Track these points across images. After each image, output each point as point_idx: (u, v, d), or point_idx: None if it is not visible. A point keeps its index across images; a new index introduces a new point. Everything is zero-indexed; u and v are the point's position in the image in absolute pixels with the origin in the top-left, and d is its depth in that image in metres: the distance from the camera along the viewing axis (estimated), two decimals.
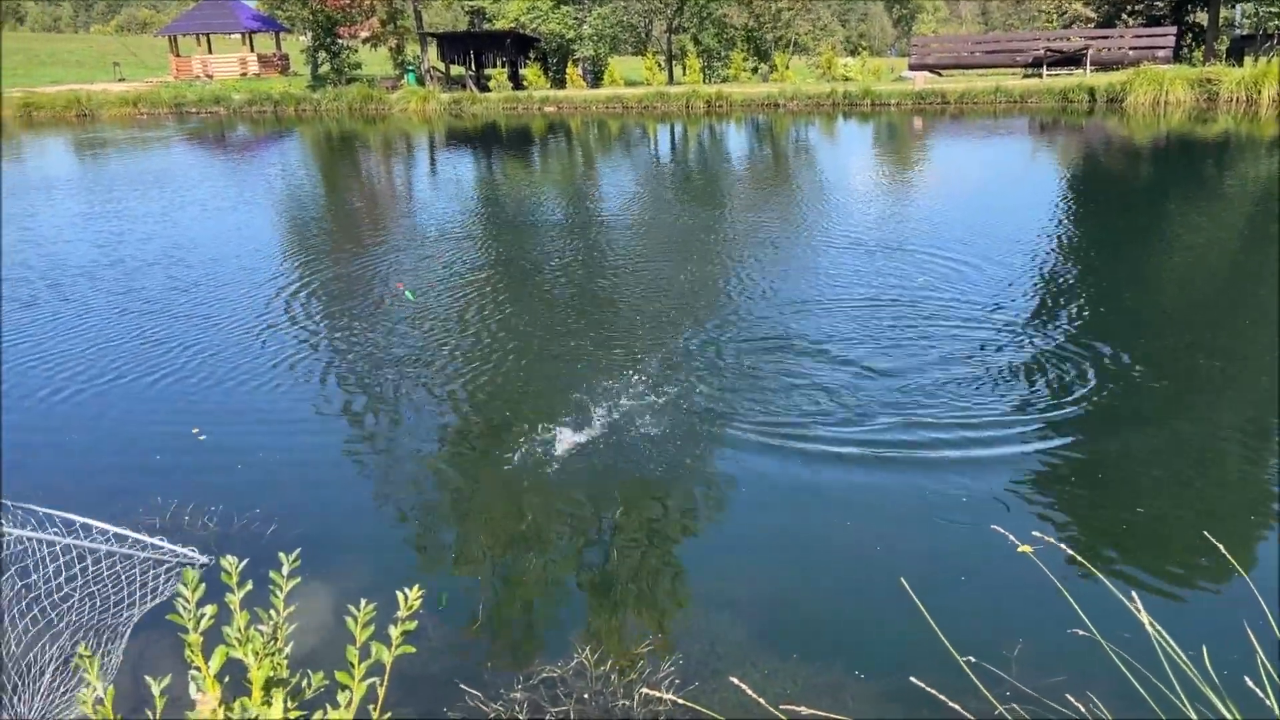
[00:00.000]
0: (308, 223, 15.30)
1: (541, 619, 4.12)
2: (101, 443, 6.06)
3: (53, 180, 19.86)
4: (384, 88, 36.96)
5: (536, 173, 20.45)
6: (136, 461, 5.68)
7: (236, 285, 10.19)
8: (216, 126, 32.12)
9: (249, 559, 2.47)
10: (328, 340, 8.22)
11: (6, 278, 10.55)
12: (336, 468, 5.53)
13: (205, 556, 3.68)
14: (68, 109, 36.64)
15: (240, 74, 43.63)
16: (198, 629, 2.34)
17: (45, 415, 6.58)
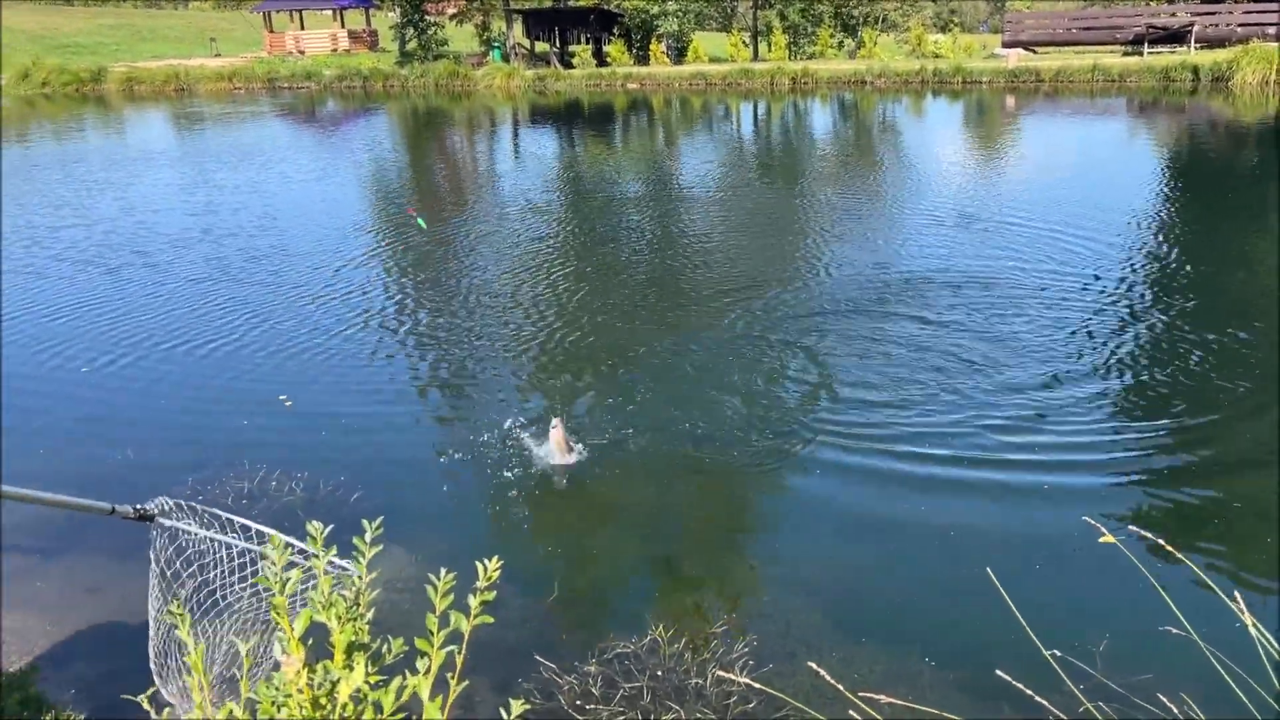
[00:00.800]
0: (392, 197, 15.54)
1: (616, 595, 4.14)
2: (191, 407, 6.24)
3: (151, 152, 20.51)
4: (469, 64, 37.24)
5: (617, 149, 20.43)
6: (225, 426, 5.85)
7: (322, 256, 10.41)
8: (307, 101, 32.77)
9: (333, 525, 2.51)
10: (409, 312, 8.35)
11: (100, 244, 10.92)
12: (417, 438, 5.62)
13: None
14: (167, 83, 37.73)
15: (331, 50, 44.41)
16: (283, 592, 2.40)
17: (135, 379, 6.80)
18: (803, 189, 14.55)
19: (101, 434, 5.78)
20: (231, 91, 36.92)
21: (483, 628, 2.33)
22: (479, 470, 5.20)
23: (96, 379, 6.75)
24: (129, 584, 3.81)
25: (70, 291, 9.11)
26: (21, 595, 3.89)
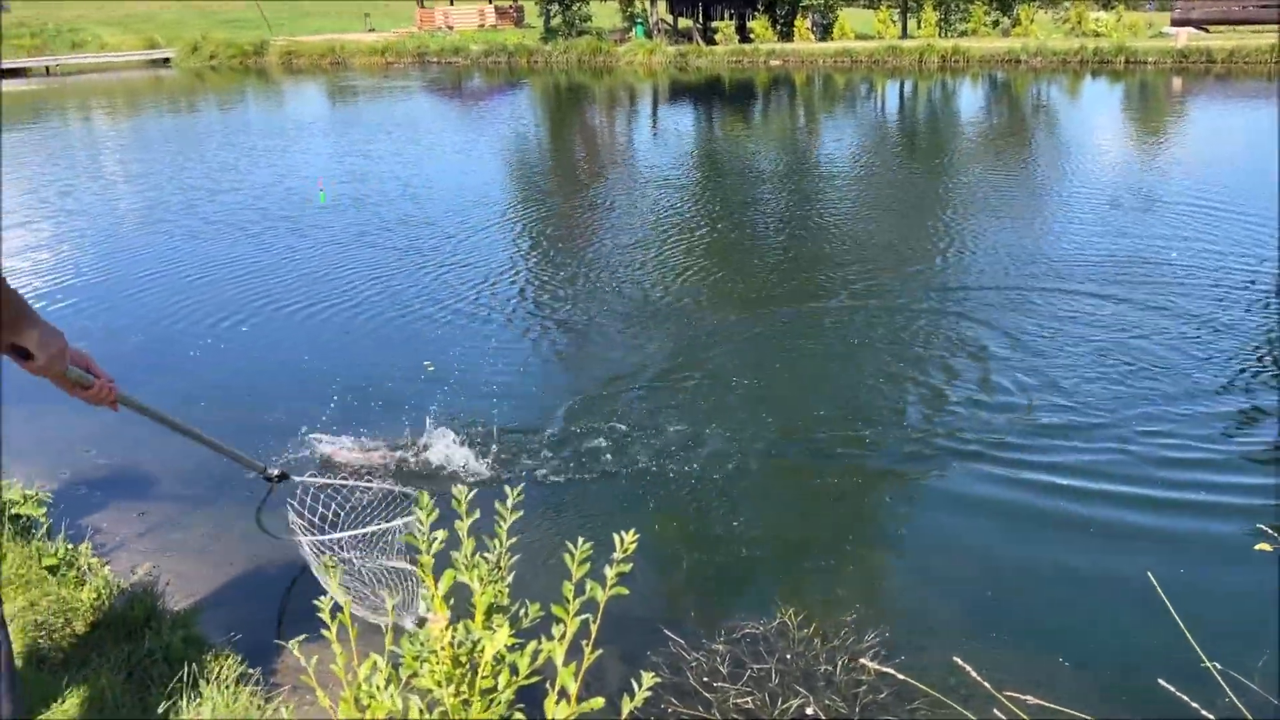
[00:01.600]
0: (531, 169, 15.81)
1: (745, 575, 4.11)
2: (339, 368, 6.49)
3: (305, 123, 21.39)
4: (612, 40, 37.44)
5: (756, 127, 20.22)
6: (372, 387, 6.05)
7: (463, 226, 10.67)
8: (455, 76, 33.57)
9: (476, 490, 2.56)
10: (545, 283, 8.49)
11: (253, 208, 11.44)
12: (553, 408, 5.69)
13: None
14: (323, 57, 39.27)
15: (478, 25, 45.33)
16: (429, 551, 2.47)
17: (284, 341, 7.13)
18: (949, 170, 14.10)
19: (251, 393, 6.05)
20: (384, 65, 38.12)
21: (613, 598, 2.34)
22: (617, 443, 5.24)
23: (248, 339, 7.09)
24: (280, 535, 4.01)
25: (225, 253, 9.60)
26: (182, 539, 4.13)
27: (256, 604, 3.75)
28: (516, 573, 2.55)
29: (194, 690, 2.72)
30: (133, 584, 3.65)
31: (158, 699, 2.67)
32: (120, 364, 6.49)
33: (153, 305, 7.97)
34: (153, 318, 7.65)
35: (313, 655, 2.53)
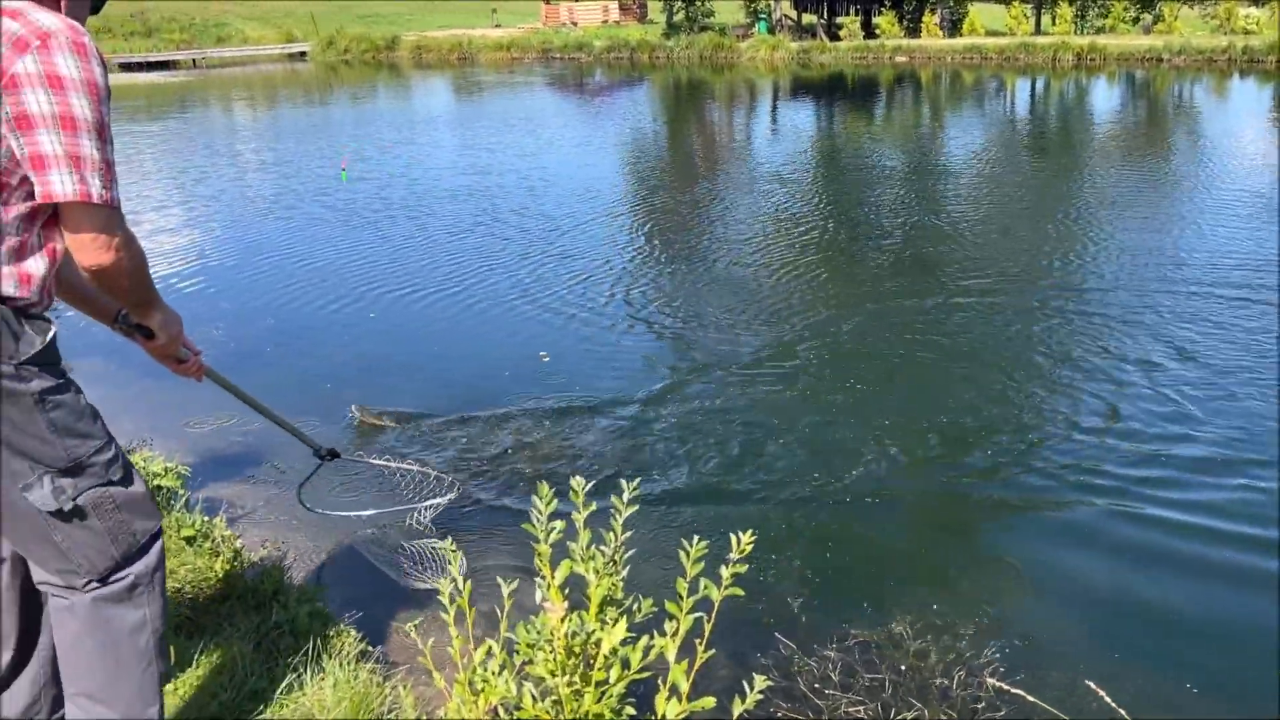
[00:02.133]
0: (648, 164, 15.87)
1: (860, 582, 4.03)
2: (455, 356, 6.63)
3: (433, 116, 21.94)
4: (734, 36, 37.27)
5: (878, 124, 19.84)
6: (485, 376, 6.16)
7: (578, 218, 10.79)
8: (577, 71, 33.94)
9: (593, 482, 2.56)
10: (660, 276, 8.52)
11: (379, 198, 11.77)
12: (666, 407, 5.69)
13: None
14: (451, 52, 40.21)
15: (602, 21, 45.72)
16: (547, 540, 2.49)
17: (403, 326, 7.31)
18: (1081, 170, 13.58)
19: (370, 376, 6.21)
20: (509, 61, 38.81)
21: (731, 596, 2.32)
22: (724, 439, 5.22)
23: (368, 324, 7.29)
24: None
25: (348, 239, 9.92)
26: (306, 516, 4.27)
27: (377, 582, 3.86)
28: (631, 566, 2.55)
29: (317, 664, 2.81)
30: (262, 558, 3.80)
31: (283, 670, 2.76)
32: (247, 344, 6.78)
33: (279, 288, 8.29)
34: (279, 300, 7.96)
35: (430, 637, 2.59)
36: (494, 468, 4.92)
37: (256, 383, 3.76)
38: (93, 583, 1.97)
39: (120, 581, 2.00)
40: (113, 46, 39.35)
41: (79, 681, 2.02)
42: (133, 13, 45.43)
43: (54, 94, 1.67)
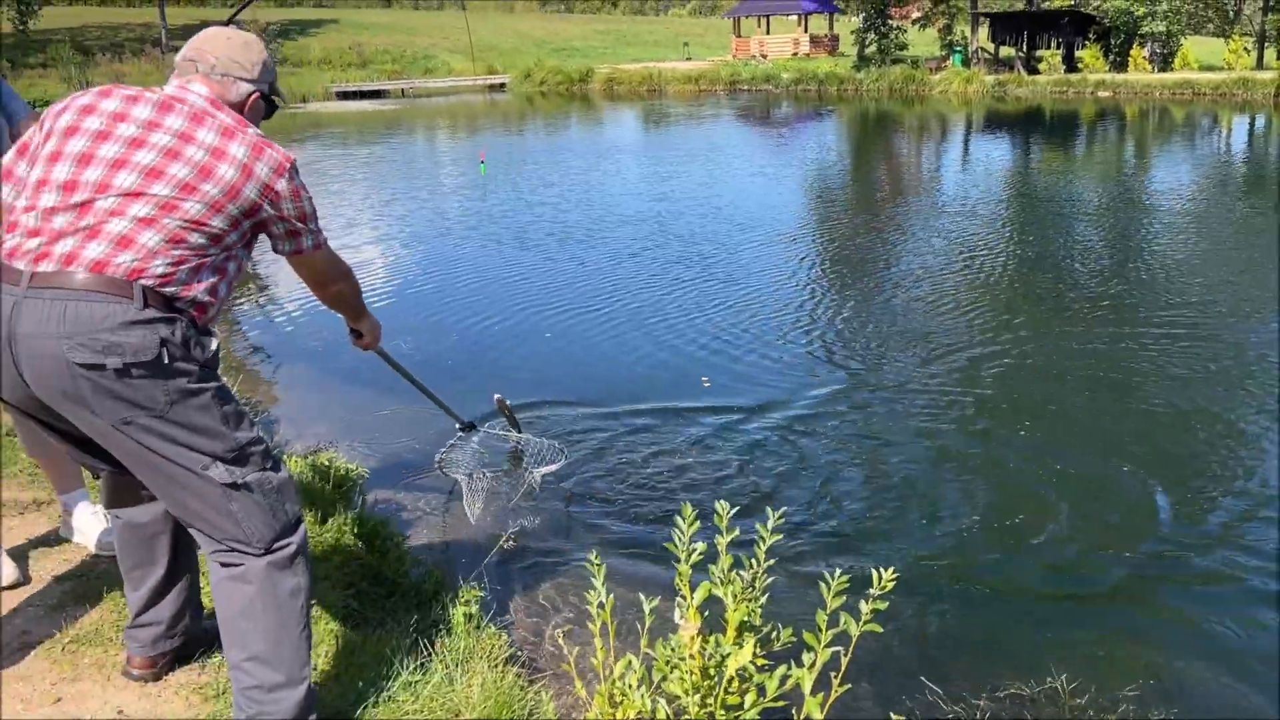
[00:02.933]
0: (830, 193, 15.76)
1: (1016, 630, 3.87)
2: (617, 374, 6.80)
3: (618, 145, 22.52)
4: (927, 69, 36.54)
5: (1078, 159, 18.98)
6: (646, 398, 6.27)
7: (756, 247, 10.81)
8: (764, 103, 34.07)
9: (737, 508, 2.59)
10: (832, 307, 8.44)
11: (565, 222, 12.16)
12: (824, 436, 5.65)
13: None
14: (641, 84, 41.16)
15: (792, 53, 45.73)
16: (687, 561, 2.54)
17: (575, 344, 7.53)
18: None
19: (537, 389, 6.42)
20: (696, 92, 39.38)
21: (868, 634, 2.30)
22: (883, 471, 5.12)
23: (541, 342, 7.54)
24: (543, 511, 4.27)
25: (527, 259, 10.30)
26: (468, 524, 4.47)
27: (530, 590, 4.00)
28: (770, 594, 2.56)
29: (468, 663, 2.95)
30: (426, 559, 4.01)
31: (436, 666, 2.91)
32: (430, 354, 7.16)
33: (461, 303, 8.70)
34: (460, 314, 8.35)
35: (575, 646, 2.68)
36: (646, 486, 5.01)
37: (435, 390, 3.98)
38: (263, 551, 2.30)
39: (283, 550, 2.34)
40: (331, 76, 42.33)
41: (249, 646, 2.30)
42: (351, 45, 48.77)
43: (295, 201, 2.37)
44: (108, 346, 2.05)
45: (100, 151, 2.18)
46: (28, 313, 2.06)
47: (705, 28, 70.20)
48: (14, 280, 2.09)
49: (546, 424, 5.74)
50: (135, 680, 2.74)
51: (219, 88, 2.38)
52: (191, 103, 2.29)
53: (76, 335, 2.05)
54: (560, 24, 65.50)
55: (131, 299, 2.09)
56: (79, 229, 2.12)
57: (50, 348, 2.05)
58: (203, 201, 2.19)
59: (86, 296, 2.07)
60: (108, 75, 37.51)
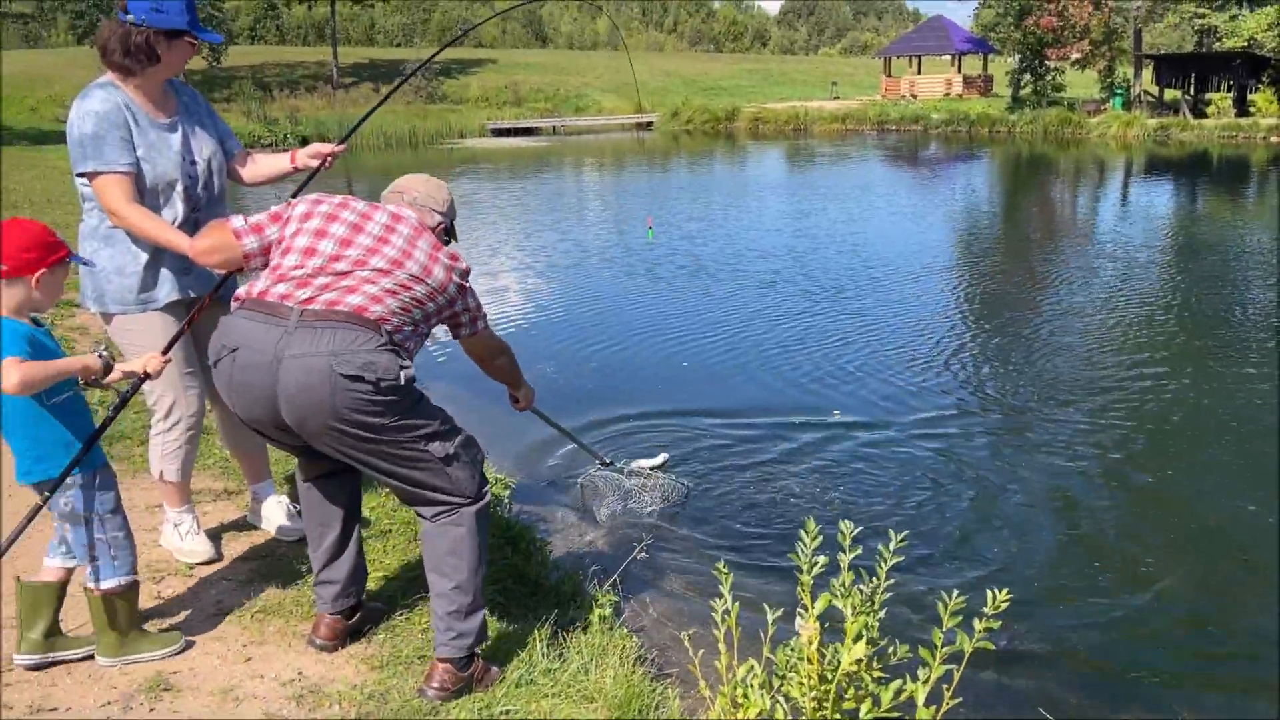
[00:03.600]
0: (978, 234, 15.56)
1: (1142, 665, 3.84)
2: (751, 403, 6.97)
3: (761, 183, 22.75)
4: (1084, 111, 35.51)
5: (1248, 206, 18.14)
6: (777, 428, 6.46)
7: (897, 285, 10.86)
8: (911, 144, 33.74)
9: (861, 528, 2.76)
10: (976, 345, 8.45)
11: (705, 255, 12.43)
12: (954, 469, 5.70)
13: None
14: (787, 123, 41.37)
15: (944, 94, 45.15)
16: (809, 573, 2.72)
17: (705, 369, 7.82)
18: None
19: (670, 417, 6.65)
20: (842, 132, 39.30)
21: (989, 659, 2.44)
22: (1016, 508, 5.14)
23: (679, 373, 7.79)
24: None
25: (666, 291, 10.63)
26: (603, 534, 4.73)
27: (659, 595, 4.23)
28: (889, 611, 2.72)
29: (601, 659, 3.19)
30: (565, 564, 4.29)
31: (572, 658, 3.16)
32: (574, 378, 7.51)
33: (602, 331, 9.08)
34: (600, 342, 8.71)
35: (700, 649, 2.89)
36: (773, 505, 5.23)
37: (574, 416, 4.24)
38: (472, 500, 2.92)
39: (484, 499, 2.98)
40: (488, 114, 44.17)
41: (454, 577, 2.90)
42: (508, 83, 50.76)
43: (475, 298, 3.11)
44: (366, 364, 2.62)
45: (356, 239, 2.87)
46: (298, 339, 2.63)
47: (855, 67, 69.98)
48: (284, 315, 2.68)
49: (677, 445, 5.99)
50: (317, 649, 3.15)
51: (422, 216, 3.09)
52: (410, 221, 2.99)
53: (342, 354, 2.61)
54: (709, 64, 66.42)
55: (380, 334, 2.70)
56: (340, 286, 2.74)
57: (319, 364, 2.60)
58: (423, 289, 2.87)
59: (349, 326, 2.65)
60: (284, 109, 40.21)
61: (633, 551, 4.54)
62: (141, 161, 3.28)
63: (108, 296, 3.39)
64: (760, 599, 3.36)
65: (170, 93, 3.45)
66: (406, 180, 3.20)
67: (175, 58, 3.31)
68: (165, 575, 3.58)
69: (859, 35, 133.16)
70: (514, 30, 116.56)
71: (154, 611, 3.32)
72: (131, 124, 3.25)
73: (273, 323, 2.67)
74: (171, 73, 3.37)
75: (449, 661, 2.93)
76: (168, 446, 3.56)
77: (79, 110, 3.23)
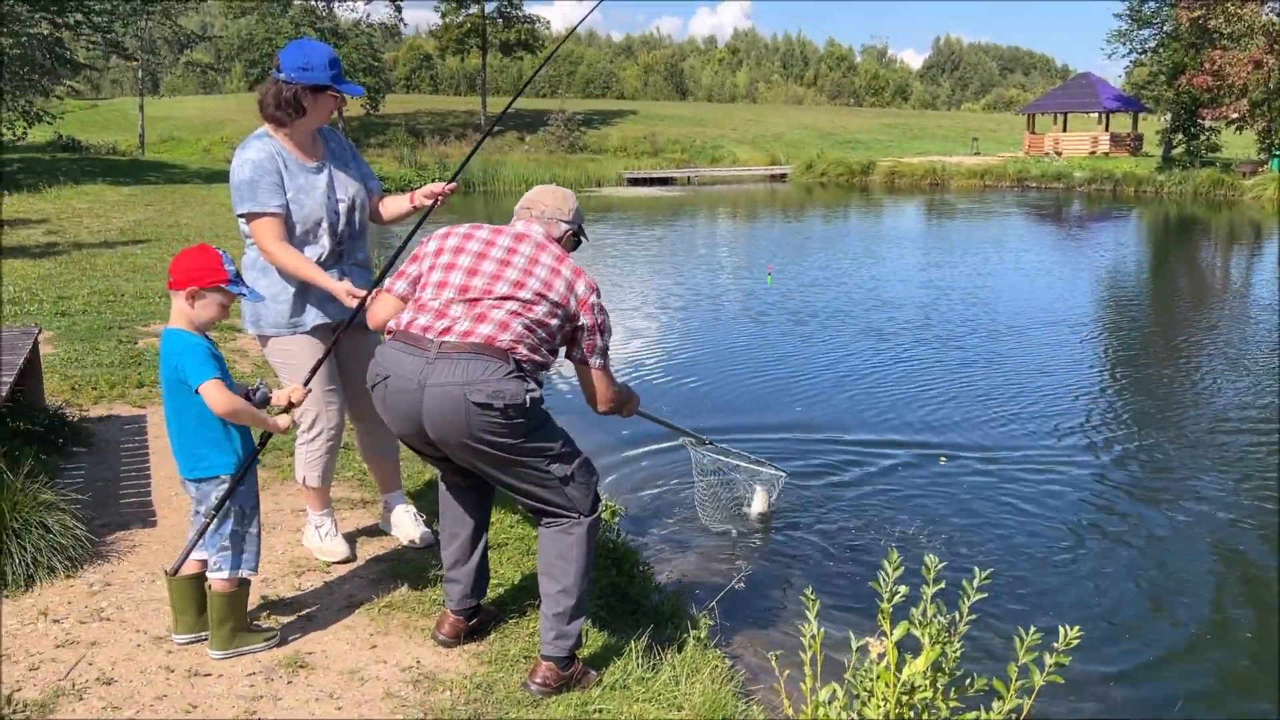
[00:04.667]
0: (1122, 294, 15.21)
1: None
2: (863, 444, 7.14)
3: (895, 235, 22.67)
4: (1239, 173, 34.03)
5: None
6: (879, 469, 6.64)
7: (1029, 337, 10.91)
8: (1053, 201, 32.98)
9: (945, 563, 2.90)
10: (1113, 403, 8.44)
11: (837, 306, 12.54)
12: (1055, 519, 5.74)
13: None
14: (924, 178, 40.95)
15: (1089, 152, 43.95)
16: (889, 601, 2.87)
17: (828, 410, 8.08)
18: None
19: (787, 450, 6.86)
20: (981, 188, 38.68)
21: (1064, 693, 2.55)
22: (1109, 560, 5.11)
23: (796, 414, 7.94)
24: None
25: (791, 336, 10.83)
26: (704, 561, 4.93)
27: (752, 624, 4.41)
28: (969, 644, 2.84)
29: (693, 673, 3.40)
30: (666, 586, 4.51)
31: (662, 673, 3.38)
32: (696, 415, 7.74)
33: (731, 374, 9.38)
34: (728, 383, 9.01)
35: (786, 670, 3.07)
36: (866, 536, 5.47)
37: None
38: (585, 516, 3.21)
39: (597, 514, 3.28)
40: (625, 164, 45.21)
41: (561, 580, 3.18)
42: (646, 134, 51.91)
43: (602, 316, 3.28)
44: (495, 392, 2.94)
45: (482, 266, 3.16)
46: (437, 369, 2.98)
47: (997, 123, 68.77)
48: (425, 348, 3.03)
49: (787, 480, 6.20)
50: (438, 643, 3.47)
51: (549, 228, 3.34)
52: (533, 238, 3.25)
53: (474, 383, 2.94)
54: (847, 117, 66.41)
55: (508, 362, 3.00)
56: (472, 315, 3.06)
57: (455, 393, 2.95)
58: (544, 308, 3.13)
59: (480, 357, 2.97)
60: (434, 155, 42.16)
61: (731, 581, 4.74)
62: (291, 203, 3.73)
63: (264, 321, 3.84)
64: (849, 627, 3.52)
65: (318, 139, 3.90)
66: (535, 193, 3.45)
67: (320, 109, 3.75)
68: (306, 571, 3.97)
69: (1004, 91, 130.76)
70: (655, 82, 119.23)
71: (294, 602, 3.71)
72: (283, 169, 3.70)
73: (416, 353, 3.03)
74: (318, 123, 3.81)
75: (552, 660, 3.19)
76: (311, 455, 3.96)
77: (239, 158, 3.71)
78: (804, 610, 2.89)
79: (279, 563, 4.02)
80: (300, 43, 3.73)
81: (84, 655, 3.24)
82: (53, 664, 3.19)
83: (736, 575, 4.84)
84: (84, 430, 5.49)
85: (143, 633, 3.40)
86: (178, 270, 3.14)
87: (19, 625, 3.42)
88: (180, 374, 3.08)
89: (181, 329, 3.14)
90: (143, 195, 24.25)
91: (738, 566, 4.97)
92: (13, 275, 11.04)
